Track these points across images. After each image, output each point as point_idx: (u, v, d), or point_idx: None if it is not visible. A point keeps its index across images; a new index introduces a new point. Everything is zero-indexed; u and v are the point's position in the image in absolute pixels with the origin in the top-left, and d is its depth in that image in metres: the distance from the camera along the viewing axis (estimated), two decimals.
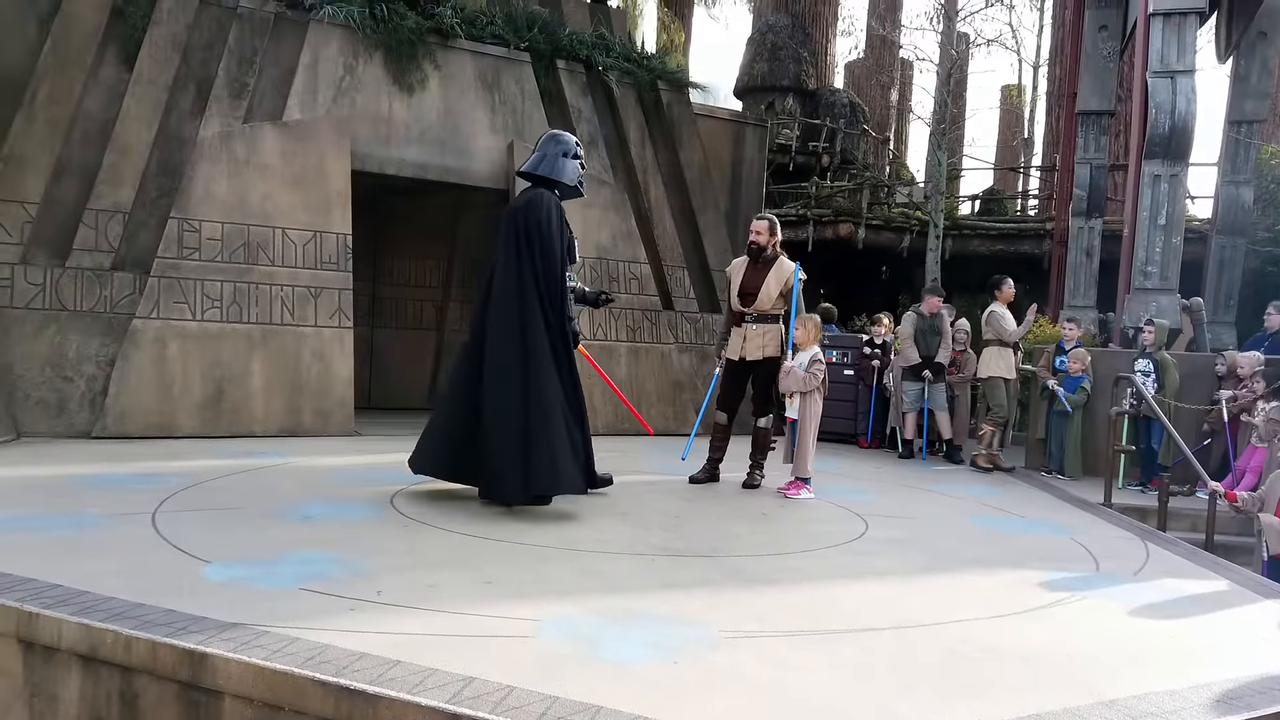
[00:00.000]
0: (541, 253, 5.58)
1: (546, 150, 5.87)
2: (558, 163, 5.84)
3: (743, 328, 6.87)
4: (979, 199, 20.00)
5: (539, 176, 5.82)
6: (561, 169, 5.84)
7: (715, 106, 14.61)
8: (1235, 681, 3.22)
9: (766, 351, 6.82)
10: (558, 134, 6.04)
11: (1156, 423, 7.95)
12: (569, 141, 5.96)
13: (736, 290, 6.91)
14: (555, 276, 5.61)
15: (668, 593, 3.95)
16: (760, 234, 6.89)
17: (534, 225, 5.60)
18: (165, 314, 8.19)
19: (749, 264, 6.92)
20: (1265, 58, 12.01)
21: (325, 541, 4.52)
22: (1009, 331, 9.14)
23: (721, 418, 7.04)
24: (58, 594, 3.47)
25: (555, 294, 5.61)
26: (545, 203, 5.68)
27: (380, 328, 11.99)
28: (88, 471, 6.19)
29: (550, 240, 5.60)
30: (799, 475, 6.69)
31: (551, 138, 5.98)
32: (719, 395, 7.09)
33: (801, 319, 6.81)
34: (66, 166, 8.39)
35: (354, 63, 9.53)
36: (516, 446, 5.28)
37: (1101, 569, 4.92)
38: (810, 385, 6.66)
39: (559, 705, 2.69)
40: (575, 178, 5.91)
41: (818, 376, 6.66)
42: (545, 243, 5.60)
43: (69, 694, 3.26)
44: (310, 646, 3.05)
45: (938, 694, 2.96)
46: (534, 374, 5.39)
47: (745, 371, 6.95)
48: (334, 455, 7.46)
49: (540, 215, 5.62)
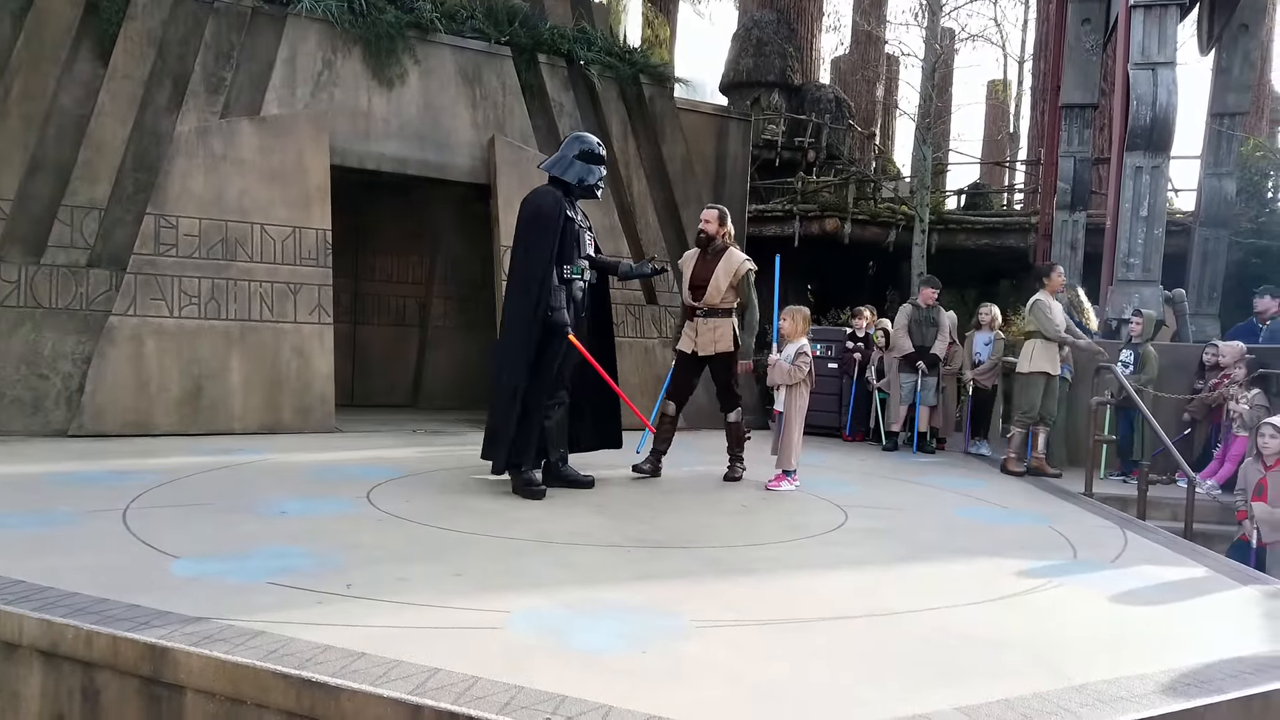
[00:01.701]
0: (522, 245, 5.91)
1: (566, 151, 6.16)
2: (565, 162, 6.08)
3: (694, 321, 6.80)
4: (965, 193, 20.04)
5: (553, 175, 6.12)
6: (566, 168, 6.05)
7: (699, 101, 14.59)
8: (1207, 665, 3.21)
9: (719, 347, 6.74)
10: (580, 135, 6.30)
11: (1135, 413, 7.95)
12: (589, 142, 6.19)
13: (687, 283, 6.88)
14: (530, 267, 5.77)
15: (641, 584, 3.92)
16: (709, 223, 6.83)
17: (523, 219, 5.94)
18: (142, 311, 8.11)
19: (699, 255, 6.87)
20: (1247, 50, 12.07)
21: (297, 536, 4.48)
22: (1054, 324, 8.05)
23: (670, 408, 6.98)
24: (19, 590, 3.42)
25: (530, 283, 5.74)
26: (535, 198, 5.97)
27: (362, 324, 11.92)
28: (61, 469, 6.13)
29: (529, 234, 5.87)
30: (784, 468, 6.66)
31: (574, 138, 6.26)
32: (671, 386, 7.06)
33: (789, 311, 6.78)
34: (41, 163, 8.30)
35: (332, 57, 9.46)
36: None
37: (1079, 557, 4.92)
38: (795, 378, 6.63)
39: (523, 695, 2.66)
40: (577, 177, 6.07)
41: (803, 369, 6.63)
42: (523, 236, 5.91)
43: (30, 691, 3.20)
44: (275, 640, 3.01)
45: (909, 681, 2.93)
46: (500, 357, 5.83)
47: (698, 365, 6.92)
48: (313, 452, 7.40)
49: (526, 210, 5.95)
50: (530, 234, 5.86)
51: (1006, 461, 8.25)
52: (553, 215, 5.86)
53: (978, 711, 2.70)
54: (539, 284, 5.72)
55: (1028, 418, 8.18)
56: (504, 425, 5.67)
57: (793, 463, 6.66)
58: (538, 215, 5.87)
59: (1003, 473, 8.15)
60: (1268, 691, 3.04)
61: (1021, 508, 6.49)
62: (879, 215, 17.29)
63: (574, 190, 6.08)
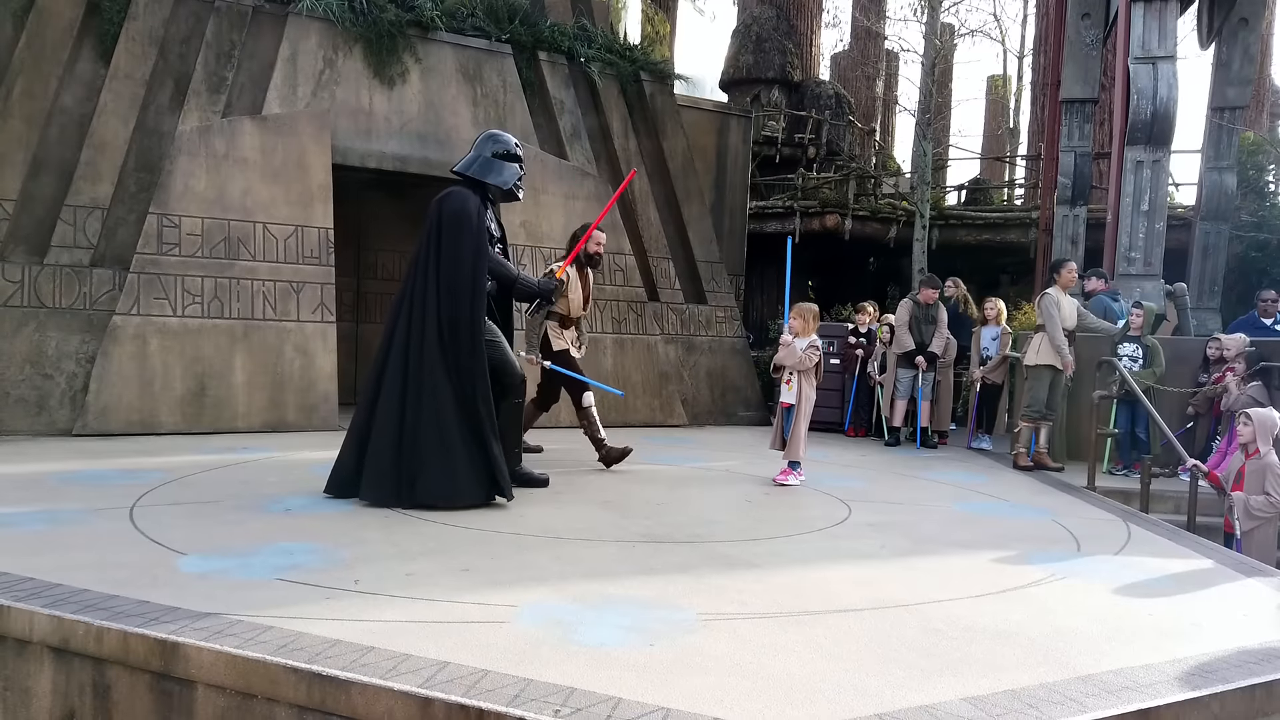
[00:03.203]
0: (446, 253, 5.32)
1: (482, 150, 5.64)
2: (489, 164, 5.61)
3: (572, 330, 7.14)
4: (965, 189, 20.05)
5: (469, 177, 5.59)
6: (491, 169, 5.60)
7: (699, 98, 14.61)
8: (1212, 656, 3.22)
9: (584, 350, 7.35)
10: (495, 133, 5.81)
11: (1138, 406, 7.97)
12: (506, 141, 5.73)
13: (578, 296, 7.08)
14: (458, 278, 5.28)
15: (647, 578, 3.94)
16: (602, 245, 7.42)
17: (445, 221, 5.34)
18: (145, 310, 8.13)
19: (581, 272, 7.13)
20: (1247, 44, 12.06)
21: (303, 533, 4.50)
22: (1053, 320, 8.10)
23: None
24: (30, 587, 3.44)
25: (458, 295, 5.26)
26: (458, 200, 5.40)
27: (365, 323, 11.93)
28: (67, 468, 6.15)
29: (454, 237, 5.31)
30: (791, 460, 6.72)
31: (489, 137, 5.73)
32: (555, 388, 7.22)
33: (799, 309, 6.87)
34: (43, 162, 8.33)
35: (333, 56, 9.48)
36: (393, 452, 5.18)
37: (1083, 550, 4.93)
38: (806, 364, 6.69)
39: (533, 688, 2.67)
40: (511, 180, 5.68)
41: (813, 358, 6.73)
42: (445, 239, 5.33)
43: (41, 687, 3.22)
44: (284, 635, 3.02)
45: (915, 671, 2.95)
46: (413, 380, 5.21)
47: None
48: (317, 450, 7.41)
49: (448, 212, 5.36)
50: (456, 237, 5.30)
51: (1016, 457, 8.28)
52: (478, 220, 5.38)
53: (984, 702, 2.71)
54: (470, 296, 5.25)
55: (1034, 412, 8.21)
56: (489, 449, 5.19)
57: (799, 454, 6.70)
58: (462, 218, 5.32)
59: (1014, 468, 8.14)
60: (1271, 681, 3.06)
61: (1024, 501, 6.50)
62: (879, 211, 17.30)
63: (492, 193, 5.64)
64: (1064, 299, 8.30)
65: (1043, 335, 8.20)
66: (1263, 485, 5.64)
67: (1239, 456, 5.92)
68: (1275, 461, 5.68)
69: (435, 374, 5.19)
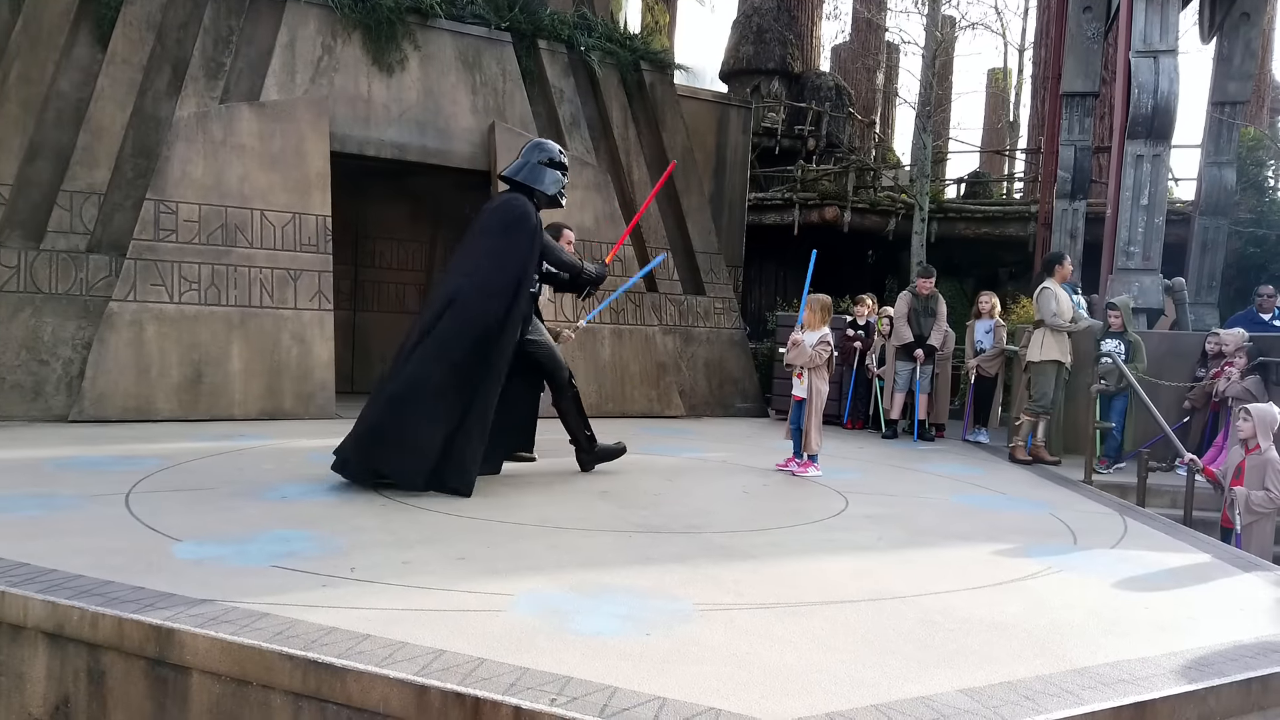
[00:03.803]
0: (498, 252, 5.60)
1: (530, 157, 5.98)
2: (538, 170, 5.94)
3: None
4: (964, 182, 19.99)
5: (518, 182, 5.91)
6: (540, 177, 5.93)
7: (699, 88, 14.56)
8: (1208, 650, 3.23)
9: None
10: (542, 142, 6.18)
11: (1120, 402, 8.01)
12: (552, 149, 6.07)
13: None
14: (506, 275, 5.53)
15: (643, 568, 3.94)
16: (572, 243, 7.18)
17: (508, 223, 5.67)
18: (142, 296, 8.10)
19: None
20: (1248, 39, 12.02)
21: (300, 520, 4.49)
22: (1049, 312, 8.16)
23: None
24: (24, 572, 3.43)
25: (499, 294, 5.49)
26: (517, 204, 5.75)
27: (363, 311, 11.91)
28: (63, 454, 6.13)
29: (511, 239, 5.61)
30: (809, 452, 6.78)
31: (535, 145, 6.10)
32: None
33: (811, 300, 7.00)
34: (40, 148, 8.29)
35: (332, 42, 9.43)
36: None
37: (1079, 543, 4.94)
38: (817, 360, 6.74)
39: (529, 676, 2.67)
40: (555, 187, 6.00)
41: (823, 355, 6.76)
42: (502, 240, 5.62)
43: (36, 673, 3.22)
44: (279, 622, 3.02)
45: (912, 663, 2.95)
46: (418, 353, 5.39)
47: None
48: (314, 437, 7.39)
49: (510, 216, 5.70)
50: (514, 238, 5.61)
51: (1014, 450, 8.27)
52: (536, 227, 5.70)
53: (981, 693, 2.71)
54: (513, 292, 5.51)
55: (1039, 406, 8.20)
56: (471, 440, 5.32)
57: (815, 446, 6.74)
58: (523, 223, 5.65)
59: (1011, 461, 8.15)
60: (1267, 675, 3.06)
61: (1021, 494, 6.51)
62: (879, 204, 17.26)
63: (540, 199, 5.93)
64: (1061, 292, 8.34)
65: (1044, 330, 8.20)
66: (1263, 480, 5.63)
67: (1238, 451, 5.92)
68: (1275, 457, 5.67)
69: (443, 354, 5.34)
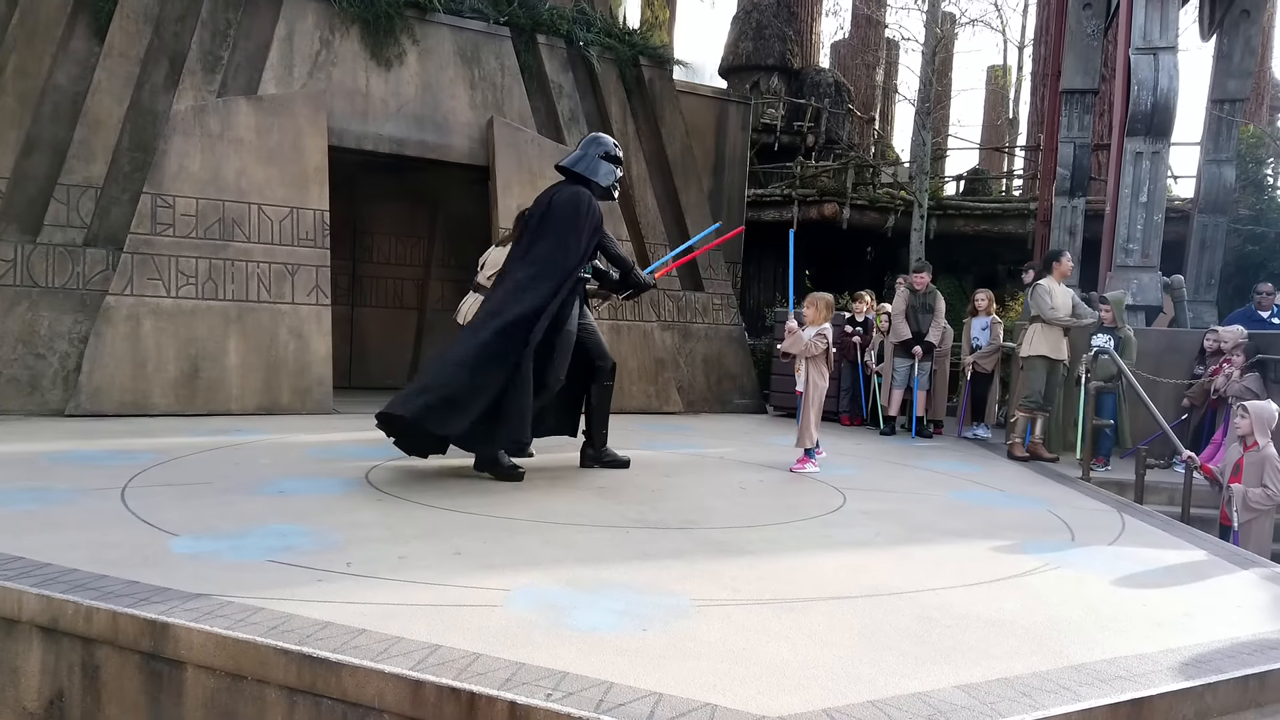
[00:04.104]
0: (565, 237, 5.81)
1: (587, 150, 6.17)
2: (595, 164, 6.11)
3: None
4: (964, 179, 19.98)
5: (576, 173, 6.08)
6: (596, 169, 6.10)
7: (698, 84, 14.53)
8: (1205, 647, 3.22)
9: None
10: (599, 136, 6.36)
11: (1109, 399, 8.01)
12: (608, 143, 6.24)
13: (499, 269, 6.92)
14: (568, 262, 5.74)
15: (640, 563, 3.93)
16: None
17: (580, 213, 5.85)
18: (139, 291, 8.08)
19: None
20: (1248, 36, 12.00)
21: (296, 515, 4.47)
22: (1045, 308, 8.16)
23: None
24: (19, 566, 3.42)
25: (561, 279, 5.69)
26: (585, 196, 5.94)
27: (360, 306, 11.90)
28: (58, 448, 6.11)
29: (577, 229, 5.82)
30: (803, 446, 6.81)
31: (593, 139, 6.29)
32: None
33: (813, 298, 7.03)
34: (36, 141, 8.26)
35: (330, 36, 9.40)
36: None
37: (1077, 540, 4.93)
38: (812, 350, 6.75)
39: (524, 671, 2.66)
40: (610, 179, 6.17)
41: (819, 345, 6.79)
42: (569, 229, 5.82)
43: (30, 666, 3.20)
44: (275, 616, 3.00)
45: (909, 659, 2.94)
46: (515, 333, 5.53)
47: None
48: (311, 433, 7.39)
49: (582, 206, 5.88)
50: (579, 230, 5.82)
51: (1012, 447, 8.26)
52: (599, 219, 5.94)
53: (978, 689, 2.71)
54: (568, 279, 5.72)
55: (1030, 402, 8.20)
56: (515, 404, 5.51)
57: (807, 442, 6.71)
58: (591, 213, 5.86)
59: (1009, 459, 8.14)
60: (1264, 672, 3.06)
61: (1018, 491, 6.50)
62: (878, 200, 17.25)
63: (595, 191, 6.08)
64: (1058, 289, 8.31)
65: (1037, 326, 8.22)
66: (1261, 477, 5.64)
67: (1236, 448, 5.91)
68: (1274, 454, 5.67)
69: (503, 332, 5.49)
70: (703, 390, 11.22)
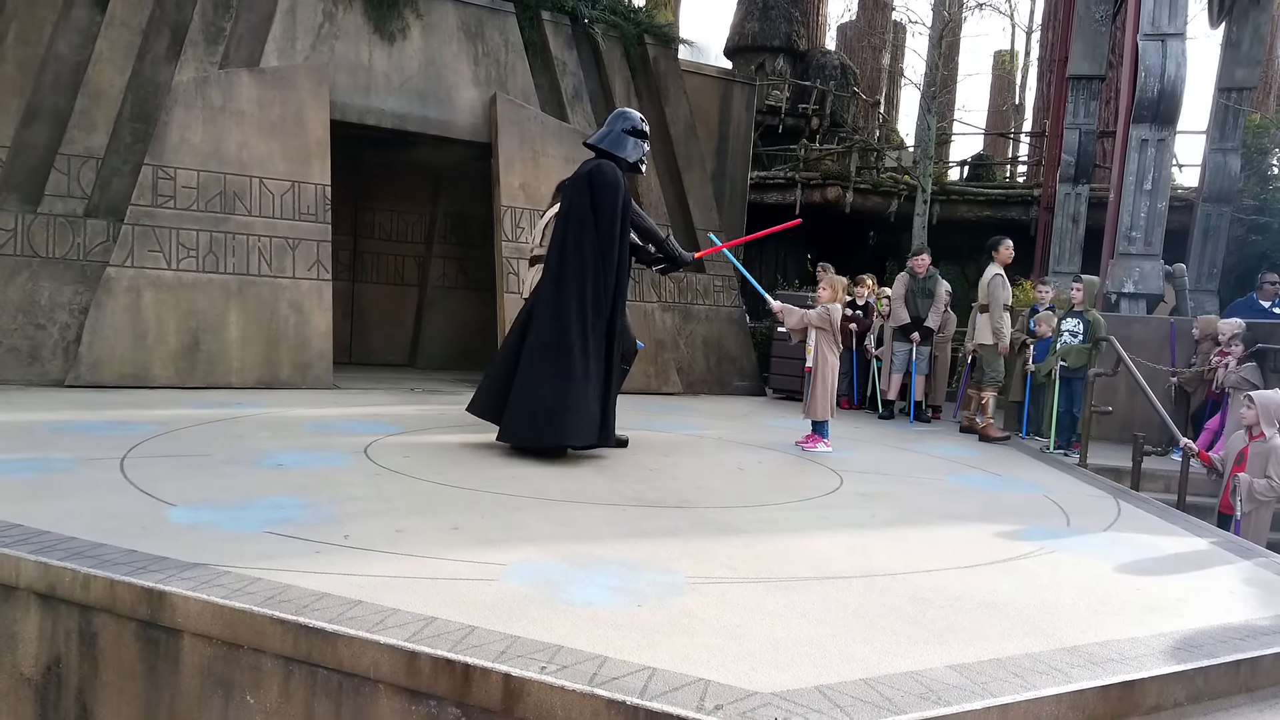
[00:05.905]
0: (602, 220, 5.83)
1: (614, 126, 6.15)
2: (621, 139, 6.09)
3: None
4: (968, 164, 19.91)
5: (603, 150, 6.06)
6: (623, 144, 6.07)
7: (703, 64, 14.44)
8: (1197, 631, 3.24)
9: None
10: (625, 111, 6.32)
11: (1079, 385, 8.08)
12: (635, 118, 6.21)
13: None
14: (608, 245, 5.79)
15: (636, 540, 3.94)
16: None
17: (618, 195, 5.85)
18: (140, 262, 8.07)
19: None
20: (1258, 25, 11.94)
21: (294, 488, 4.49)
22: (1007, 296, 8.61)
23: None
24: (17, 533, 3.43)
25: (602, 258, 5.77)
26: (617, 175, 5.91)
27: (361, 282, 11.88)
28: (58, 418, 6.12)
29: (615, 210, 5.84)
30: (813, 418, 6.91)
31: (620, 114, 6.25)
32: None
33: (828, 280, 7.39)
34: (37, 110, 8.22)
35: (333, 9, 9.34)
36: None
37: (1072, 525, 4.94)
38: (816, 322, 6.95)
39: (519, 644, 2.67)
40: (636, 154, 6.13)
41: (822, 316, 6.97)
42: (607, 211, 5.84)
43: (27, 633, 3.22)
44: (271, 586, 3.02)
45: (902, 638, 2.96)
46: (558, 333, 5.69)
47: None
48: (311, 407, 7.40)
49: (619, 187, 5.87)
50: (617, 211, 5.82)
51: (987, 428, 8.41)
52: (627, 191, 5.91)
53: (970, 669, 2.72)
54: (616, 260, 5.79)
55: (997, 383, 8.60)
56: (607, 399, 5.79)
57: (816, 414, 6.87)
58: (616, 187, 5.82)
59: (981, 440, 8.30)
60: (1256, 657, 3.07)
61: (1014, 475, 6.52)
62: (881, 185, 17.19)
63: (621, 165, 6.06)
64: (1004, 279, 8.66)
65: (985, 315, 8.60)
66: (1265, 468, 5.63)
67: (1240, 437, 5.91)
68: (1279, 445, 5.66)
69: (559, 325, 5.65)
70: (702, 371, 11.22)
